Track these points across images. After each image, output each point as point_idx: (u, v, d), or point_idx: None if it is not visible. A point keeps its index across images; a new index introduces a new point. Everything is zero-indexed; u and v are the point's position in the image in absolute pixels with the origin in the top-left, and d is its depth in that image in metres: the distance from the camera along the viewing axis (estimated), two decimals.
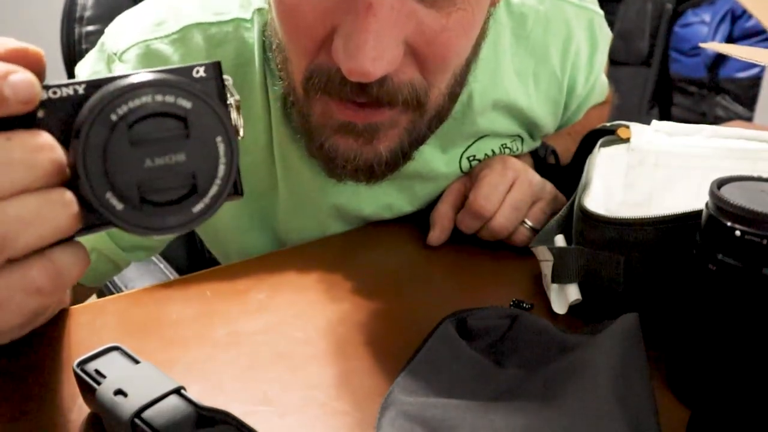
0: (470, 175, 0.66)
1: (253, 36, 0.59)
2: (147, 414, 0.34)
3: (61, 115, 0.29)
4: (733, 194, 0.39)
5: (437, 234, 0.63)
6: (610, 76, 0.83)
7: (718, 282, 0.39)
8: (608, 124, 0.62)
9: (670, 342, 0.45)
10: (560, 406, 0.37)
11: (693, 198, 0.46)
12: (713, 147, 0.53)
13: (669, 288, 0.46)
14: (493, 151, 0.69)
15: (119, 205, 0.28)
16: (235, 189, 0.31)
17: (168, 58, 0.58)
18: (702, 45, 0.77)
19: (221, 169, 0.30)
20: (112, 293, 0.78)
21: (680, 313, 0.43)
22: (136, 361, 0.38)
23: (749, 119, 2.03)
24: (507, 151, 0.70)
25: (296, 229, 0.66)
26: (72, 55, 0.97)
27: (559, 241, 0.53)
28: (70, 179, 0.28)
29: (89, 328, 0.49)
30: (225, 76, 0.32)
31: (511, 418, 0.36)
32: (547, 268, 0.53)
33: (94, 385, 0.37)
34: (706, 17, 2.07)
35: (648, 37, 2.11)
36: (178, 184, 0.29)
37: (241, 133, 0.32)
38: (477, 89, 0.64)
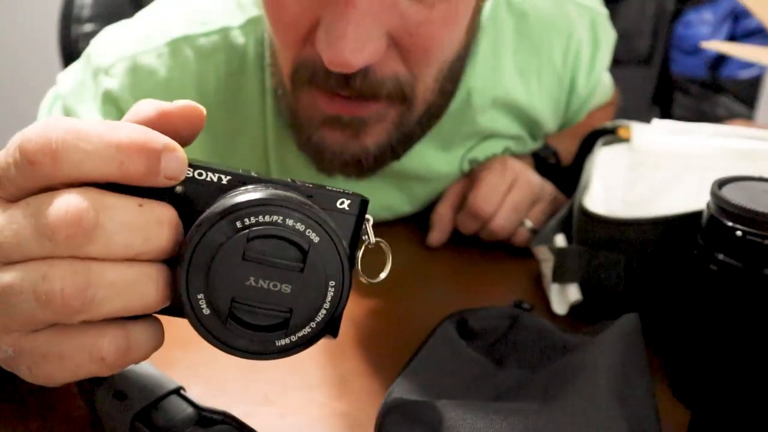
0: (470, 176, 0.66)
1: (244, 43, 0.59)
2: (146, 415, 0.34)
3: (196, 197, 0.28)
4: (734, 194, 0.39)
5: (437, 235, 0.63)
6: (611, 75, 0.83)
7: (718, 282, 0.39)
8: (608, 124, 0.62)
9: (670, 342, 0.44)
10: (561, 406, 0.37)
11: (694, 198, 0.46)
12: (714, 146, 0.53)
13: (669, 288, 0.46)
14: (494, 155, 0.69)
15: (206, 310, 0.27)
16: (331, 331, 0.30)
17: (156, 71, 0.58)
18: (703, 44, 0.77)
19: (321, 314, 0.29)
20: None
21: (680, 313, 0.43)
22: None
23: (750, 118, 2.03)
24: (509, 153, 0.70)
25: None
26: (70, 55, 0.97)
27: (560, 241, 0.53)
28: (172, 259, 0.27)
29: None
30: (367, 216, 0.31)
31: (512, 418, 0.36)
32: (547, 268, 0.53)
33: (94, 385, 0.37)
34: (708, 16, 2.07)
35: (649, 37, 2.11)
36: (272, 312, 0.28)
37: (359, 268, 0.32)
38: (476, 87, 0.64)
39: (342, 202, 0.30)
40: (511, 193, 0.62)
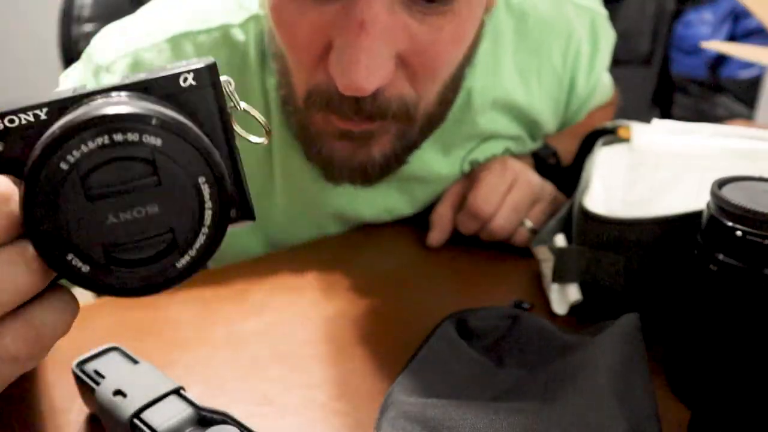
0: (470, 177, 0.65)
1: (245, 41, 0.59)
2: (146, 414, 0.34)
3: (21, 147, 0.24)
4: (734, 194, 0.39)
5: (437, 235, 0.63)
6: (611, 75, 0.83)
7: (718, 282, 0.39)
8: (608, 124, 0.62)
9: (670, 342, 0.44)
10: (561, 406, 0.37)
11: (694, 198, 0.46)
12: (714, 146, 0.53)
13: (669, 288, 0.46)
14: (494, 155, 0.69)
15: (84, 267, 0.24)
16: (244, 216, 0.27)
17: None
18: (703, 44, 0.77)
19: (208, 215, 0.25)
20: None
21: (680, 313, 0.43)
22: (135, 362, 0.38)
23: (750, 118, 2.03)
24: (509, 154, 0.70)
25: (294, 233, 0.66)
26: (70, 55, 0.96)
27: (560, 241, 0.53)
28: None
29: (88, 328, 0.49)
30: (224, 78, 0.27)
31: (512, 418, 0.36)
32: (547, 268, 0.53)
33: (93, 385, 0.37)
34: (708, 16, 2.07)
35: (648, 37, 2.11)
36: (152, 238, 0.24)
37: (254, 139, 0.28)
38: (476, 88, 0.64)
39: (186, 79, 0.25)
40: (511, 193, 0.62)
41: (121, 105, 0.23)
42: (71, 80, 0.61)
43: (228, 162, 0.27)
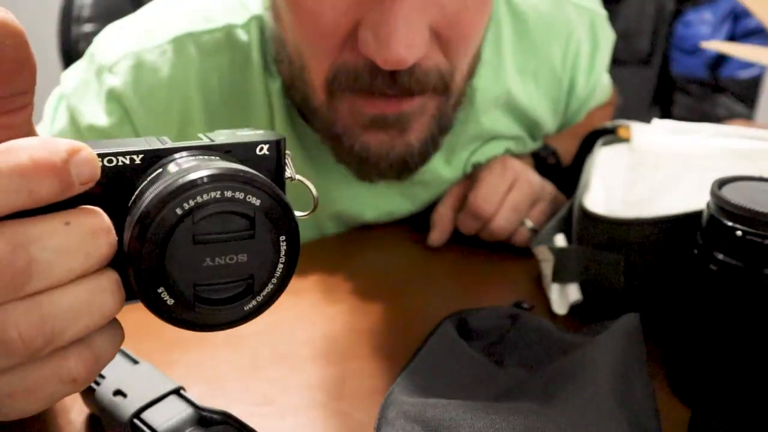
0: (470, 177, 0.66)
1: (248, 41, 0.59)
2: (146, 414, 0.34)
3: (114, 186, 0.27)
4: (734, 194, 0.39)
5: (437, 235, 0.63)
6: (611, 75, 0.83)
7: (718, 282, 0.39)
8: (608, 124, 0.62)
9: (670, 342, 0.44)
10: (561, 406, 0.37)
11: (694, 198, 0.46)
12: (714, 146, 0.53)
13: (669, 288, 0.46)
14: (495, 156, 0.69)
15: (170, 301, 0.26)
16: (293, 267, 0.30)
17: (159, 68, 0.57)
18: (703, 44, 0.77)
19: (279, 269, 0.28)
20: None
21: (680, 313, 0.43)
22: (135, 362, 0.38)
23: (750, 118, 2.03)
24: (509, 154, 0.70)
25: None
26: (70, 55, 0.97)
27: (560, 241, 0.53)
28: (117, 257, 0.26)
29: None
30: (287, 152, 0.31)
31: (512, 418, 0.36)
32: (547, 268, 0.53)
33: (93, 385, 0.37)
34: (708, 16, 2.07)
35: (648, 37, 2.11)
36: (234, 282, 0.27)
37: (298, 214, 0.30)
38: (479, 86, 0.64)
39: (261, 149, 0.29)
40: (511, 193, 0.62)
41: (223, 165, 0.26)
42: (73, 79, 0.60)
43: None
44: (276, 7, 0.54)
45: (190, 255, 0.26)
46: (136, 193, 0.26)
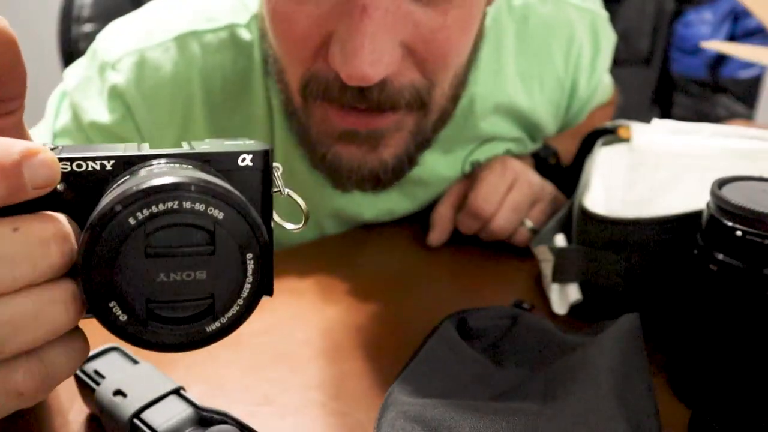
0: (470, 176, 0.66)
1: (250, 41, 0.59)
2: (146, 414, 0.34)
3: (84, 192, 0.25)
4: (734, 194, 0.39)
5: (437, 235, 0.63)
6: (611, 75, 0.83)
7: (719, 282, 0.39)
8: (609, 124, 0.62)
9: (670, 342, 0.44)
10: (561, 406, 0.37)
11: (694, 198, 0.46)
12: (714, 146, 0.53)
13: (669, 288, 0.46)
14: (495, 156, 0.69)
15: (122, 317, 0.24)
16: (266, 291, 0.28)
17: (162, 66, 0.57)
18: (703, 44, 0.77)
19: (246, 289, 0.26)
20: None
21: (681, 313, 0.43)
22: (135, 362, 0.38)
23: (750, 118, 2.03)
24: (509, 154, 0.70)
25: (294, 234, 0.66)
26: (70, 54, 0.96)
27: (560, 241, 0.53)
28: (75, 267, 0.24)
29: (88, 328, 0.49)
30: (275, 165, 0.29)
31: (512, 418, 0.36)
32: (547, 268, 0.53)
33: (93, 385, 0.37)
34: (708, 16, 2.07)
35: (648, 37, 2.11)
36: (193, 302, 0.25)
37: (289, 226, 0.30)
38: (479, 93, 0.64)
39: (243, 159, 0.27)
40: (511, 193, 0.62)
41: (189, 174, 0.24)
42: (75, 75, 0.60)
43: None
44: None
45: (142, 268, 0.24)
46: (101, 199, 0.25)
